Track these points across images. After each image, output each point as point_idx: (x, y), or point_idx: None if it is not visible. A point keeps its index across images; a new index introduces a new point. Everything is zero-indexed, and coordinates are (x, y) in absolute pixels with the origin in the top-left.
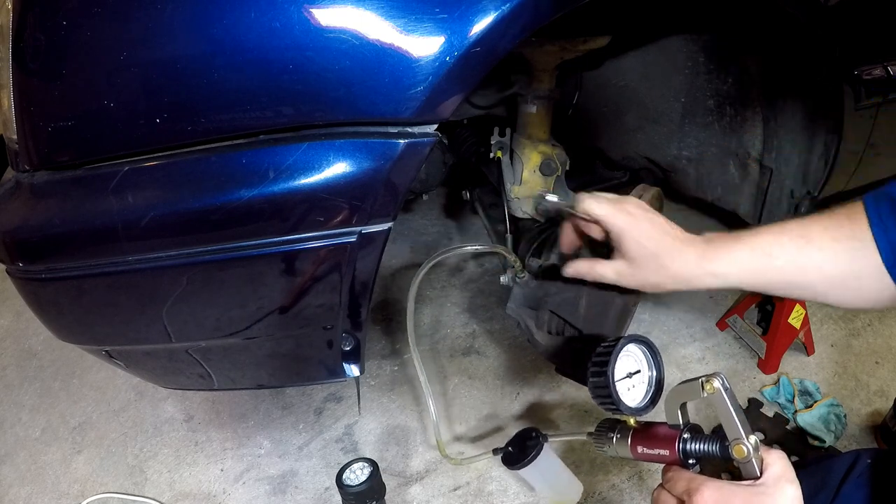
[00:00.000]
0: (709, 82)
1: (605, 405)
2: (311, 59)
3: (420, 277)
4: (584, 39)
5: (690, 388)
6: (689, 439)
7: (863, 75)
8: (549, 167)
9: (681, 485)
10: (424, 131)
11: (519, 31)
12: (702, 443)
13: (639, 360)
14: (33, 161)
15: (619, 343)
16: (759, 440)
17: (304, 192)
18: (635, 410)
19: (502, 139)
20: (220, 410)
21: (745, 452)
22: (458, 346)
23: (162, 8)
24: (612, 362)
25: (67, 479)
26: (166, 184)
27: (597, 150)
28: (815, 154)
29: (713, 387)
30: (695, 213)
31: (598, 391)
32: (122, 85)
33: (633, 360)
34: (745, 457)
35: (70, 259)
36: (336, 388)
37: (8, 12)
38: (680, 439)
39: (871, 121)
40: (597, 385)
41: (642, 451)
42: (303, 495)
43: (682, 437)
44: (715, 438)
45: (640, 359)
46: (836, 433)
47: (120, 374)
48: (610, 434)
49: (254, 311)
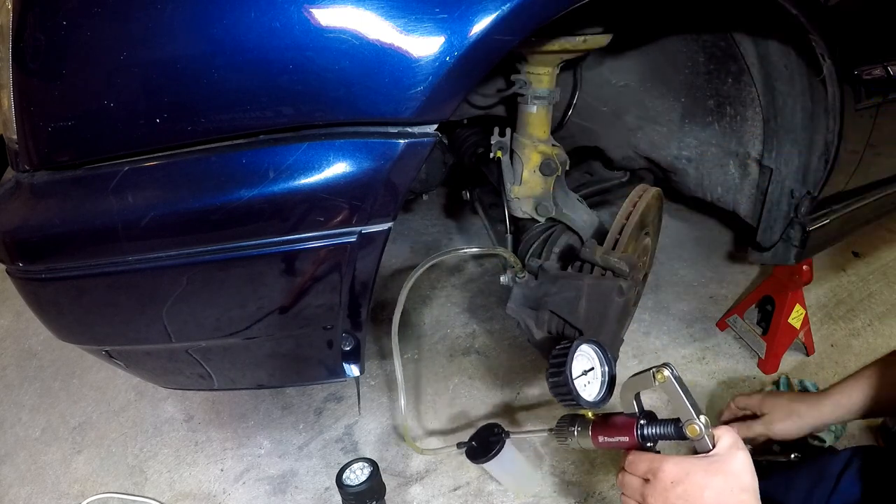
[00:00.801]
0: (709, 82)
1: (566, 402)
2: (311, 59)
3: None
4: (585, 39)
5: (643, 379)
6: (646, 424)
7: (863, 75)
8: (549, 167)
9: (643, 465)
10: (424, 131)
11: (519, 30)
12: (658, 427)
13: (591, 359)
14: (33, 161)
15: (573, 344)
16: (707, 419)
17: (304, 192)
18: (593, 404)
19: (502, 139)
20: (220, 410)
21: (698, 430)
22: (458, 346)
23: (162, 8)
24: (569, 362)
25: (67, 479)
26: (166, 184)
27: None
28: (815, 154)
29: (664, 376)
30: (695, 213)
31: (558, 389)
32: (122, 85)
33: (587, 359)
34: (697, 435)
35: (70, 259)
36: (336, 388)
37: (8, 12)
38: (637, 426)
39: (871, 121)
40: (556, 384)
41: (603, 440)
42: (303, 495)
43: (640, 423)
44: (669, 422)
45: (593, 357)
46: (836, 433)
47: (120, 374)
48: (571, 428)
49: (254, 311)
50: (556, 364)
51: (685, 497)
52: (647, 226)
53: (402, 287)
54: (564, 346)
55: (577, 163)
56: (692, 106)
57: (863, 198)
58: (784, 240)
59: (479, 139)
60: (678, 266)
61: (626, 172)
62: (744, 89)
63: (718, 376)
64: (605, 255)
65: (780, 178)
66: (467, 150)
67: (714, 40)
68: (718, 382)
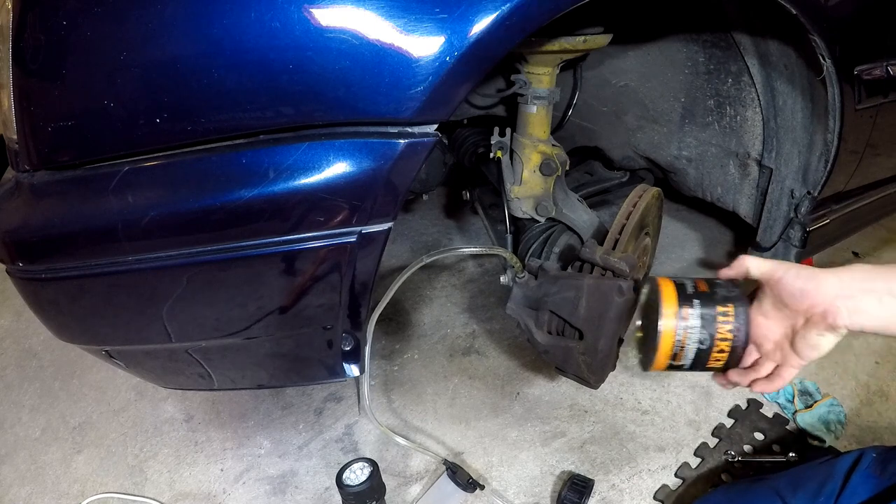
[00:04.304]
0: (709, 82)
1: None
2: (311, 59)
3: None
4: (584, 39)
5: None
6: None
7: (863, 75)
8: (549, 167)
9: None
10: (424, 131)
11: (519, 30)
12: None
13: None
14: (33, 161)
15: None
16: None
17: (304, 192)
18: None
19: (502, 139)
20: (220, 410)
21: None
22: (458, 346)
23: (162, 8)
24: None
25: (67, 479)
26: (166, 184)
27: (597, 150)
28: (815, 154)
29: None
30: (695, 213)
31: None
32: (123, 85)
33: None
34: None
35: (70, 259)
36: (336, 388)
37: (8, 12)
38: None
39: (871, 121)
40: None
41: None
42: (303, 495)
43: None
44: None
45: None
46: (836, 433)
47: (120, 374)
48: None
49: (254, 311)
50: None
51: None
52: (647, 226)
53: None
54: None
55: (577, 163)
56: (692, 106)
57: (863, 198)
58: (784, 240)
59: (479, 139)
60: (678, 266)
61: (626, 172)
62: (744, 89)
63: None
64: (605, 255)
65: (780, 178)
66: (467, 150)
67: (714, 40)
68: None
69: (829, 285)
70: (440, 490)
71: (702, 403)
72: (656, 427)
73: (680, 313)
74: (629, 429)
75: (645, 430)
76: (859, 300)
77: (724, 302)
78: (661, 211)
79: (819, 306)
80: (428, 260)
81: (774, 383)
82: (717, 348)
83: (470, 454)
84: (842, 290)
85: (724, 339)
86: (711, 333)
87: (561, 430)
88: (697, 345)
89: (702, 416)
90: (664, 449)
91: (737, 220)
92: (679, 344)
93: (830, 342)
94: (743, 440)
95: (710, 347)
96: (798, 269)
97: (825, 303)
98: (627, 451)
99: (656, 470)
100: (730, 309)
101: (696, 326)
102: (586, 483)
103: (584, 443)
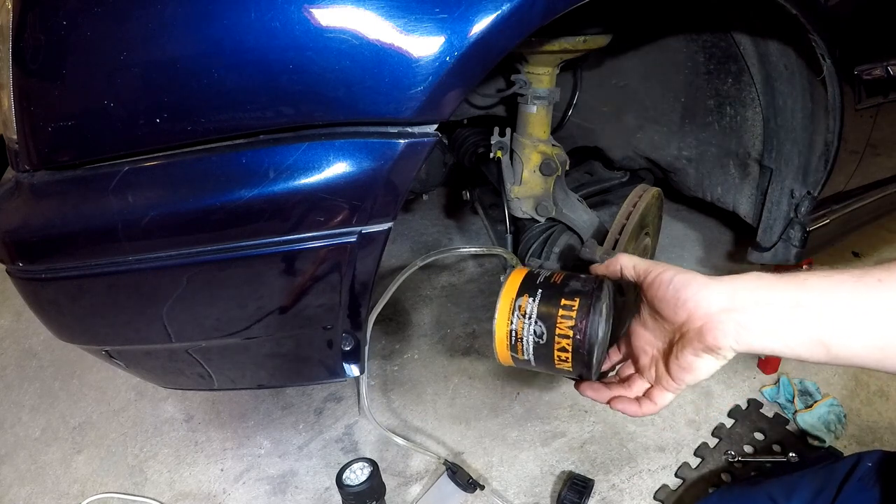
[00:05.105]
0: (709, 82)
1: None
2: (311, 59)
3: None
4: (584, 39)
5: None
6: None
7: (863, 75)
8: (549, 167)
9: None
10: (424, 131)
11: (519, 30)
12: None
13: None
14: (33, 161)
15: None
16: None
17: (304, 192)
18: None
19: (502, 139)
20: (220, 410)
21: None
22: (458, 346)
23: (162, 8)
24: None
25: (67, 479)
26: (166, 184)
27: (597, 150)
28: (815, 154)
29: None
30: (695, 213)
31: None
32: (123, 85)
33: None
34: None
35: (70, 259)
36: (336, 388)
37: (8, 12)
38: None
39: (871, 121)
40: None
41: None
42: (303, 495)
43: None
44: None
45: None
46: (836, 433)
47: (120, 374)
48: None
49: (254, 311)
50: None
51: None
52: (647, 226)
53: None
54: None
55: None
56: (692, 106)
57: (863, 198)
58: (784, 240)
59: (479, 139)
60: (678, 266)
61: (626, 172)
62: (744, 89)
63: (718, 376)
64: (605, 255)
65: (780, 178)
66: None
67: (714, 40)
68: (718, 382)
69: (713, 295)
70: (440, 490)
71: (702, 403)
72: (656, 427)
73: (517, 301)
74: (629, 429)
75: (645, 430)
76: (752, 314)
77: (570, 296)
78: (661, 211)
79: (697, 320)
80: (427, 260)
81: (643, 408)
82: (559, 345)
83: (470, 454)
84: (730, 302)
85: (564, 337)
86: (550, 327)
87: (561, 430)
88: (534, 338)
89: (702, 416)
90: (664, 449)
91: (737, 220)
92: (514, 334)
93: (710, 366)
94: (743, 440)
95: (549, 343)
96: (676, 272)
97: (705, 317)
98: (627, 451)
99: (656, 470)
100: (574, 303)
101: (532, 317)
102: (586, 483)
103: (584, 443)
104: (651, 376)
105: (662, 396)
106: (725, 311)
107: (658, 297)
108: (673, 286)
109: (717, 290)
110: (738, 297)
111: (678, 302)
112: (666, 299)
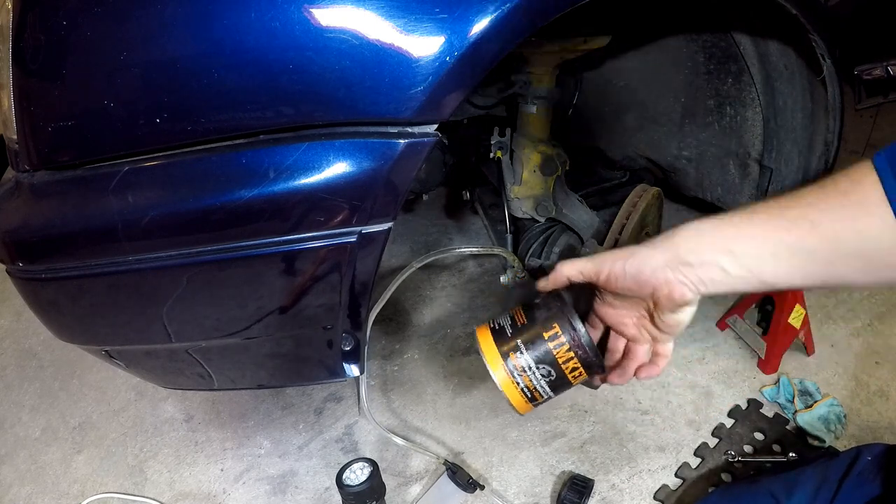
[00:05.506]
0: (709, 82)
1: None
2: (311, 59)
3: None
4: (584, 39)
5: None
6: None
7: (863, 75)
8: (549, 167)
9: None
10: (424, 131)
11: (519, 30)
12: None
13: None
14: (33, 161)
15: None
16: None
17: (304, 192)
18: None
19: (502, 139)
20: (220, 410)
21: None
22: (458, 346)
23: (162, 8)
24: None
25: (67, 479)
26: (166, 184)
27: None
28: (815, 154)
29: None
30: (695, 213)
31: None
32: (123, 85)
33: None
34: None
35: (70, 259)
36: (336, 388)
37: (8, 12)
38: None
39: (871, 121)
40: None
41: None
42: (303, 495)
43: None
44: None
45: None
46: (836, 433)
47: (120, 374)
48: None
49: (254, 311)
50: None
51: None
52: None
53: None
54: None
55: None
56: (692, 106)
57: None
58: None
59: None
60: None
61: (626, 172)
62: (744, 89)
63: (718, 376)
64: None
65: (780, 178)
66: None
67: (714, 40)
68: (718, 382)
69: (654, 260)
70: (440, 490)
71: (702, 403)
72: (656, 427)
73: (508, 365)
74: (629, 429)
75: (645, 430)
76: (697, 267)
77: (545, 324)
78: (661, 211)
79: (662, 288)
80: (427, 260)
81: (659, 364)
82: (568, 368)
83: (470, 454)
84: (669, 260)
85: (570, 360)
86: (552, 361)
87: (561, 430)
88: (546, 378)
89: (702, 415)
90: (664, 449)
91: None
92: (527, 390)
93: (689, 313)
94: (743, 440)
95: (561, 373)
96: (624, 260)
97: (666, 283)
98: (627, 451)
99: (656, 470)
100: (555, 328)
101: (532, 366)
102: (586, 483)
103: (584, 443)
104: (645, 336)
105: (666, 347)
106: (677, 268)
107: (620, 288)
108: (629, 275)
109: (654, 255)
110: (673, 254)
111: (640, 283)
112: (628, 287)
